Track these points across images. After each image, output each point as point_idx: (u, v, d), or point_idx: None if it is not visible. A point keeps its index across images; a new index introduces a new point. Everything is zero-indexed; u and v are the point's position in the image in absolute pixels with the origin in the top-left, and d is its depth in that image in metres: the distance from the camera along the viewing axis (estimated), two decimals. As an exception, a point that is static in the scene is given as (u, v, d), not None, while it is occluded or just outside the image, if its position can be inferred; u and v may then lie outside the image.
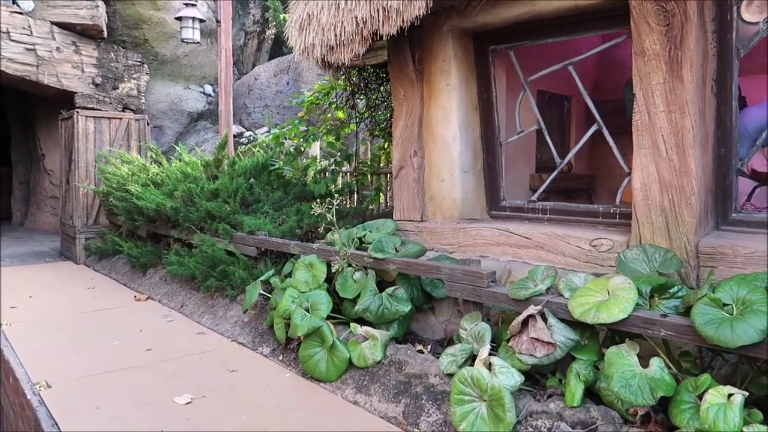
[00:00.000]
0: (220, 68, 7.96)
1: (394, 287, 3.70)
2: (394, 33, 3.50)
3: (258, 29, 14.11)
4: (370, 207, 6.73)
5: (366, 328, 3.58)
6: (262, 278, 4.62)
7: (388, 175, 7.51)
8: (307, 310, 3.77)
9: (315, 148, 7.77)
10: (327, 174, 6.92)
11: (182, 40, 7.86)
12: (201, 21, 7.99)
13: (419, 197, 4.34)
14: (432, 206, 4.32)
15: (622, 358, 2.40)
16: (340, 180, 7.18)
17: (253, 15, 14.15)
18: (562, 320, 2.76)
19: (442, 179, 4.22)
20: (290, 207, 6.04)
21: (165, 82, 12.54)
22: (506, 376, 2.68)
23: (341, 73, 4.44)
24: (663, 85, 3.10)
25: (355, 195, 7.35)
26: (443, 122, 4.14)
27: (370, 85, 6.35)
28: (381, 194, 7.13)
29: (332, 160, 6.79)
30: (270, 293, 4.67)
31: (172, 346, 4.35)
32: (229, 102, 7.99)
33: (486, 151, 4.28)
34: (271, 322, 4.38)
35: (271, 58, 14.06)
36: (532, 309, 2.75)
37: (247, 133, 11.58)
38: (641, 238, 3.23)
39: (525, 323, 2.76)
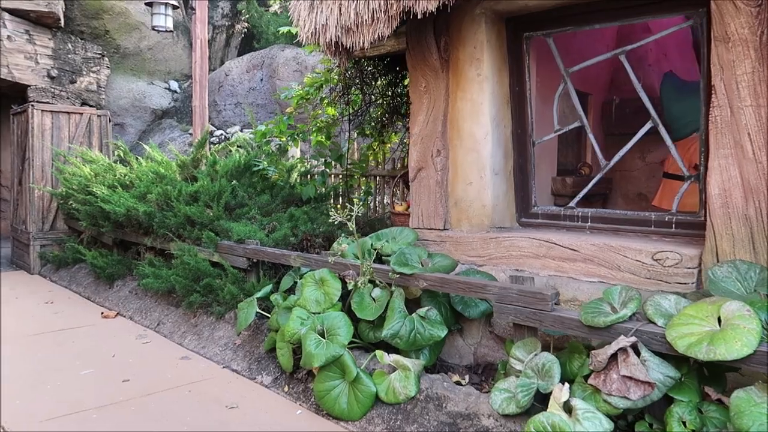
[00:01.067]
0: (194, 60, 7.28)
1: (427, 308, 3.17)
2: (433, 10, 2.97)
3: (227, 23, 13.37)
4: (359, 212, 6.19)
5: (395, 356, 3.04)
6: (257, 294, 4.02)
7: (378, 177, 7.02)
8: (322, 335, 3.20)
9: (294, 149, 7.20)
10: (315, 176, 6.36)
11: (153, 28, 7.15)
12: (174, 7, 7.29)
13: (442, 203, 3.83)
14: (457, 213, 3.82)
15: (756, 406, 1.93)
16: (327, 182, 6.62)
17: (222, 8, 13.40)
18: (656, 353, 2.29)
19: (469, 182, 3.72)
20: (280, 212, 5.45)
21: (127, 77, 11.71)
22: (592, 423, 2.19)
23: (345, 62, 3.90)
24: (751, 75, 2.68)
25: (341, 199, 6.79)
26: (472, 117, 3.65)
27: (366, 79, 5.82)
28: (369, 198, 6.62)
29: (322, 160, 6.22)
30: (266, 311, 4.09)
31: (154, 376, 3.71)
32: (204, 96, 7.32)
33: (517, 151, 3.80)
34: (271, 345, 3.79)
35: (240, 54, 13.35)
36: (623, 341, 2.27)
37: (218, 132, 10.87)
38: (719, 251, 2.80)
39: (613, 357, 2.28)
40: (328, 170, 6.29)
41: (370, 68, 5.84)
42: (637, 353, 2.26)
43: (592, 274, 3.26)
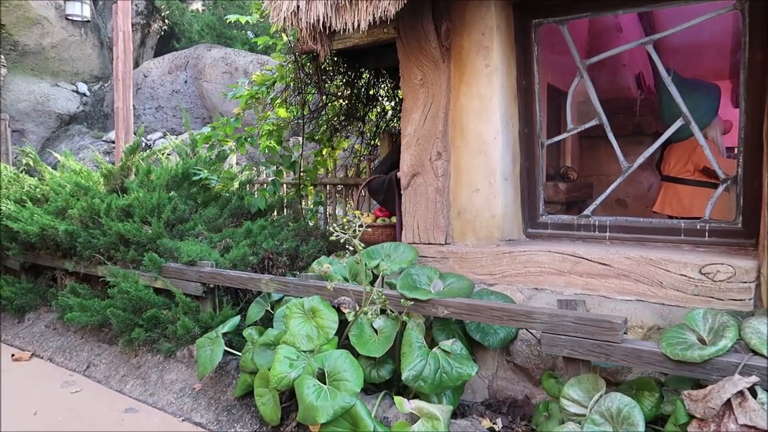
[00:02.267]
0: (116, 55, 6.36)
1: (451, 341, 2.63)
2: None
3: (142, 21, 12.27)
4: (309, 224, 5.60)
5: (417, 403, 2.48)
6: (223, 329, 3.33)
7: (328, 186, 6.45)
8: (321, 380, 2.59)
9: (230, 157, 6.47)
10: (265, 185, 5.68)
11: (66, 17, 6.18)
12: (91, -5, 6.36)
13: (443, 213, 3.32)
14: (460, 224, 3.32)
15: None
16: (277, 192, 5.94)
17: (137, 5, 12.30)
18: (772, 393, 1.88)
19: (476, 189, 3.24)
20: (231, 227, 4.74)
21: (27, 78, 10.40)
22: (709, 486, 1.74)
23: (327, 50, 3.31)
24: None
25: (285, 210, 6.14)
26: (480, 115, 3.17)
27: (324, 76, 5.23)
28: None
29: (274, 168, 5.55)
30: (230, 346, 3.40)
31: (96, 440, 2.94)
32: (129, 97, 6.41)
33: (524, 153, 3.37)
34: (245, 390, 3.12)
35: (157, 54, 12.29)
36: (741, 381, 1.84)
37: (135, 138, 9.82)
38: (783, 262, 2.48)
39: (727, 402, 1.84)
40: (279, 179, 5.62)
41: (326, 65, 5.26)
42: (754, 395, 1.85)
43: (628, 291, 2.87)
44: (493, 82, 3.12)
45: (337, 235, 2.65)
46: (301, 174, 5.74)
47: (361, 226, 2.67)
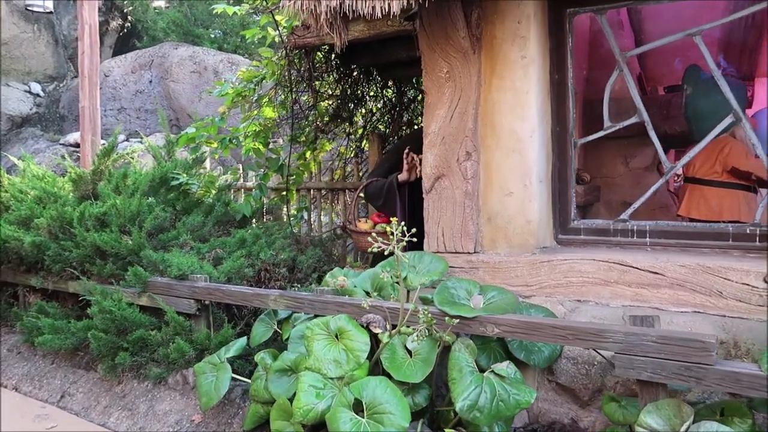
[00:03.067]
0: (81, 50, 5.85)
1: (506, 363, 2.33)
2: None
3: (100, 19, 11.59)
4: (294, 231, 5.25)
5: (472, 436, 2.17)
6: (228, 352, 2.94)
7: (312, 191, 6.12)
8: (357, 412, 2.25)
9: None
10: (247, 190, 5.28)
11: (26, 8, 5.64)
12: (53, -17, 5.84)
13: (473, 219, 3.02)
14: (490, 231, 3.03)
15: None
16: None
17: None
18: None
19: (509, 192, 2.96)
20: (218, 236, 4.33)
21: (-26, 76, 9.68)
22: None
23: (344, 40, 2.99)
24: None
25: (264, 217, 5.76)
26: (514, 110, 2.90)
27: (318, 72, 4.89)
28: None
29: (260, 171, 5.16)
30: (234, 371, 3.01)
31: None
32: (96, 95, 5.91)
33: (556, 153, 3.11)
34: (256, 423, 2.75)
35: (117, 54, 11.65)
36: None
37: (100, 141, 9.20)
38: None
39: None
40: (264, 183, 5.22)
41: (319, 62, 4.92)
42: None
43: (684, 302, 2.63)
44: (529, 74, 2.85)
45: (378, 246, 2.31)
46: (289, 178, 5.36)
47: (403, 234, 2.34)
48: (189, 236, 4.18)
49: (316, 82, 4.92)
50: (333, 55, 4.98)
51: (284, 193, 5.70)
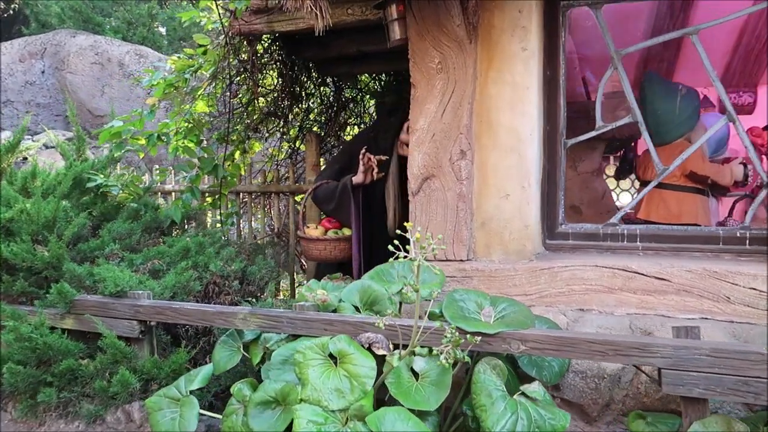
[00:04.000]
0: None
1: (536, 383, 2.09)
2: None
3: (-23, 1, 10.25)
4: (223, 238, 4.79)
5: (508, 470, 1.91)
6: (190, 385, 2.47)
7: (242, 194, 5.68)
8: (373, 451, 1.92)
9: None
10: (183, 193, 4.71)
11: None
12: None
13: (467, 224, 2.78)
14: (485, 237, 2.80)
15: None
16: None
17: (-30, -20, 10.29)
18: None
19: (505, 194, 2.75)
20: (152, 246, 3.79)
21: None
22: None
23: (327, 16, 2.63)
24: None
25: (187, 223, 5.23)
26: (513, 107, 2.69)
27: (259, 65, 4.45)
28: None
29: (192, 172, 4.63)
30: (210, 409, 2.56)
31: None
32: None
33: (546, 153, 2.94)
34: (232, 467, 2.31)
35: (-2, 41, 10.31)
36: None
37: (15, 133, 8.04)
38: None
39: None
40: (196, 186, 4.69)
41: (262, 52, 4.50)
42: None
43: (691, 309, 2.54)
44: (530, 68, 2.66)
45: (404, 257, 1.99)
46: (223, 180, 4.87)
47: (429, 243, 2.04)
48: (116, 245, 3.60)
49: (259, 75, 4.49)
50: (275, 47, 4.58)
51: (216, 197, 5.20)
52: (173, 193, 6.23)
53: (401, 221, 4.14)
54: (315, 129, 5.68)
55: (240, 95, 4.83)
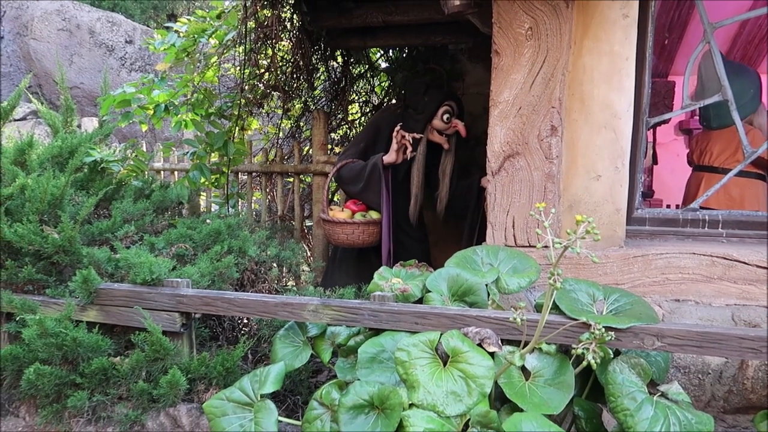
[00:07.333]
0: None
1: (674, 382, 1.89)
2: None
3: None
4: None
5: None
6: (263, 387, 2.15)
7: (240, 174, 5.34)
8: (511, 464, 1.67)
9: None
10: (188, 172, 4.30)
11: None
12: None
13: (554, 206, 2.54)
14: (571, 221, 2.58)
15: None
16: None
17: None
18: None
19: (596, 175, 2.53)
20: (164, 227, 3.42)
21: None
22: None
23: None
24: None
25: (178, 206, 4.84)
26: (610, 80, 2.46)
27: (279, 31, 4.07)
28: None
29: (200, 147, 4.24)
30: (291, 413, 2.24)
31: None
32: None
33: (629, 132, 2.73)
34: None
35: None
36: None
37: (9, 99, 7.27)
38: None
39: None
40: (203, 163, 4.30)
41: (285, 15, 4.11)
42: None
43: (796, 299, 2.40)
44: (630, 38, 2.43)
45: (553, 242, 1.73)
46: (228, 158, 4.48)
47: (589, 226, 1.79)
48: (131, 227, 3.21)
49: (281, 44, 4.12)
50: (296, 13, 4.21)
51: (218, 176, 4.82)
52: (161, 172, 5.79)
53: (422, 209, 3.90)
54: (320, 107, 5.35)
55: (260, 63, 4.43)
